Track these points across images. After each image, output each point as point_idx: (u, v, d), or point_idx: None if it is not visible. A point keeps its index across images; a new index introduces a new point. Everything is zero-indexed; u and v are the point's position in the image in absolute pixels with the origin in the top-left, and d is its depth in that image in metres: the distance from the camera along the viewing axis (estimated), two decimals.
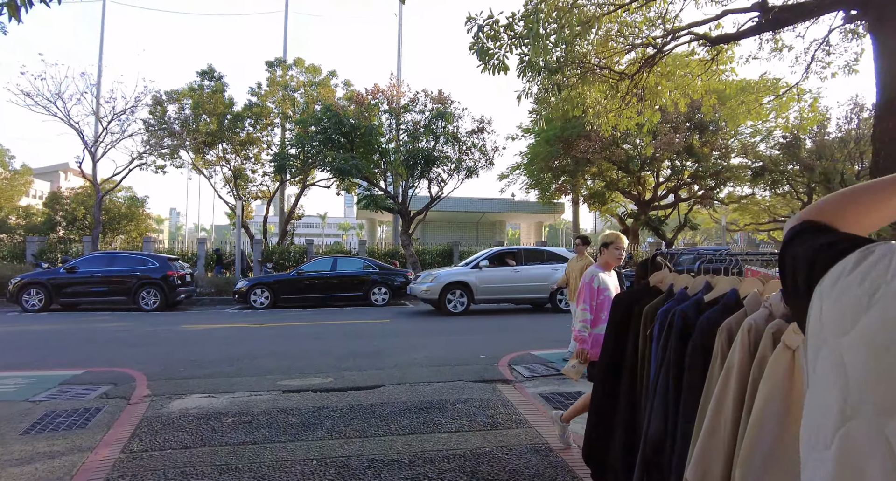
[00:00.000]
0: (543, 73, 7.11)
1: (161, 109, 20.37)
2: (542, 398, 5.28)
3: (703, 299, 1.71)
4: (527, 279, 12.55)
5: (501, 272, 12.56)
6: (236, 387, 5.64)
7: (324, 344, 8.31)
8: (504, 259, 12.82)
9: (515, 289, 12.56)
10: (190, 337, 9.33)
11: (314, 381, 5.86)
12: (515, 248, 13.54)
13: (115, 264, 13.71)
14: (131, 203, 24.72)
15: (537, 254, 13.34)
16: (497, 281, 12.49)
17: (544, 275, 12.60)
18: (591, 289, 3.63)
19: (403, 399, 5.13)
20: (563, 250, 13.80)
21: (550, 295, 12.44)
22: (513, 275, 12.58)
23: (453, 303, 12.15)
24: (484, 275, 12.47)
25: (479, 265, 12.51)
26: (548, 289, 12.49)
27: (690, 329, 1.60)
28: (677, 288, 1.91)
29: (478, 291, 12.25)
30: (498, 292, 12.53)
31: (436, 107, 16.61)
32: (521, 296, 12.69)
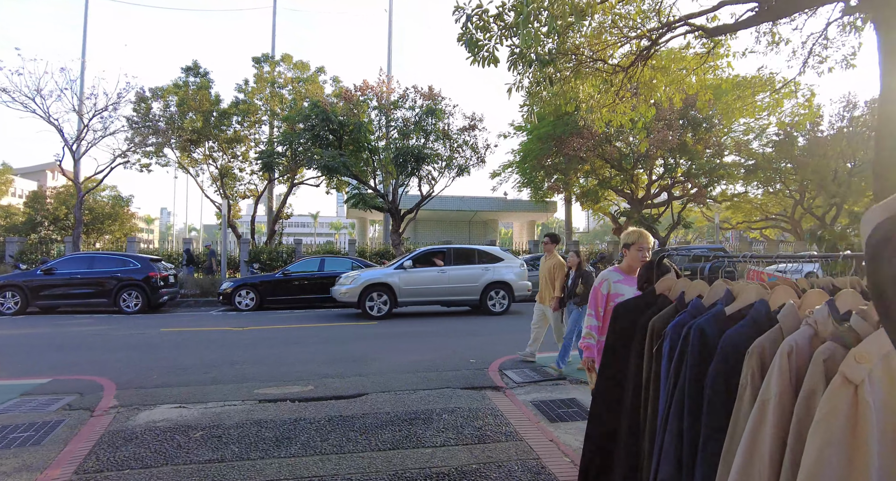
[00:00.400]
0: (535, 65, 6.81)
1: (145, 106, 19.89)
2: (533, 406, 4.99)
3: (723, 311, 1.42)
4: (455, 280, 11.99)
5: (427, 273, 11.93)
6: (210, 397, 5.30)
7: (307, 348, 7.98)
8: (431, 259, 12.22)
9: (442, 291, 11.93)
10: (168, 341, 8.96)
11: (293, 390, 5.54)
12: (444, 247, 12.91)
13: (95, 265, 13.27)
14: (115, 202, 24.16)
15: (468, 253, 12.71)
16: (422, 282, 11.83)
17: (474, 276, 12.08)
18: (597, 294, 3.34)
19: (386, 409, 4.82)
20: (498, 249, 13.23)
21: (481, 296, 11.96)
22: (440, 275, 11.96)
23: (374, 306, 11.42)
24: (408, 276, 11.77)
25: (403, 265, 11.83)
26: (478, 291, 12.00)
27: (710, 349, 1.32)
28: (689, 296, 1.63)
29: (401, 293, 11.58)
30: (423, 294, 11.86)
31: (426, 103, 16.27)
32: (448, 298, 12.07)
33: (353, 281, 11.60)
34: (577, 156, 19.89)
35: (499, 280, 12.18)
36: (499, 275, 12.23)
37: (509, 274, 12.33)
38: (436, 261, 12.12)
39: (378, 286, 11.52)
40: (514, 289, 12.24)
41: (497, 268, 12.31)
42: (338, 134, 16.32)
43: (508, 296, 12.22)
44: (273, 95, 21.42)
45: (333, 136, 16.42)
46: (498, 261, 12.46)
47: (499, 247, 13.38)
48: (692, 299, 1.58)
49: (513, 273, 12.37)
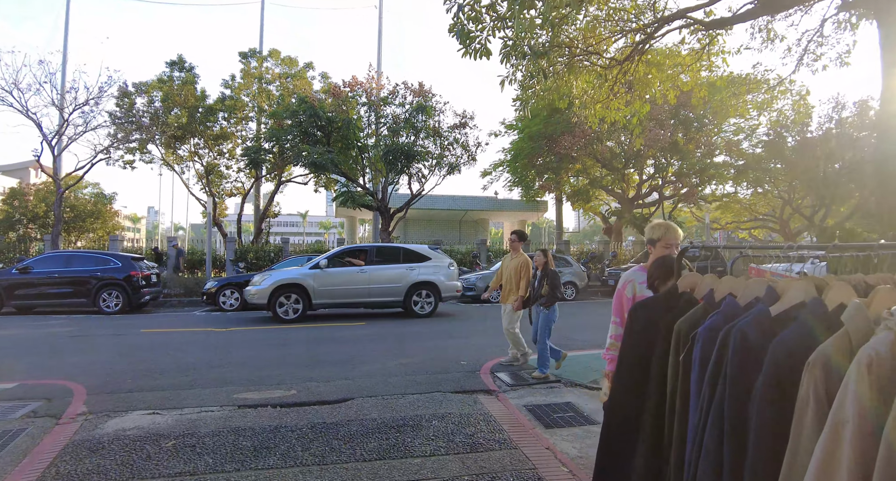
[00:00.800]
0: (529, 57, 6.59)
1: (128, 101, 19.37)
2: (527, 411, 4.77)
3: (767, 312, 1.20)
4: (376, 280, 11.27)
5: (346, 273, 11.17)
6: (186, 402, 5.01)
7: (291, 350, 7.69)
8: (351, 258, 11.51)
9: (362, 292, 11.18)
10: (147, 342, 8.61)
11: (275, 394, 5.26)
12: (366, 246, 12.36)
13: (74, 264, 12.83)
14: (98, 200, 23.56)
15: (392, 252, 12.06)
16: (340, 283, 11.06)
17: (397, 276, 11.41)
18: (621, 298, 2.97)
19: (373, 415, 4.56)
20: (425, 248, 12.42)
21: (405, 298, 11.32)
22: (359, 275, 11.20)
23: (285, 308, 10.65)
24: (324, 276, 10.98)
25: (319, 265, 11.08)
26: (401, 292, 11.30)
27: (756, 357, 1.10)
28: (720, 294, 1.40)
29: (316, 294, 10.82)
30: (341, 295, 11.12)
31: (416, 100, 16.01)
32: (369, 300, 11.33)
33: (264, 281, 10.91)
34: (569, 155, 19.76)
35: (425, 280, 11.52)
36: (425, 275, 11.58)
37: (437, 274, 11.68)
38: (355, 261, 11.39)
39: (290, 287, 10.76)
40: (440, 290, 11.56)
41: (423, 268, 11.62)
42: (326, 130, 16.01)
43: (435, 297, 11.55)
44: (260, 91, 21.00)
45: (321, 133, 16.10)
46: (425, 260, 11.76)
47: (427, 246, 12.64)
48: (724, 298, 1.36)
49: (441, 273, 11.73)
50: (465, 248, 22.22)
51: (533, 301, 6.18)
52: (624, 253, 23.47)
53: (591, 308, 13.88)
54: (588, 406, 4.94)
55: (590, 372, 6.15)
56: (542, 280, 6.09)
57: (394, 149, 15.42)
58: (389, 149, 15.46)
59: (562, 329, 9.61)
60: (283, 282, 10.79)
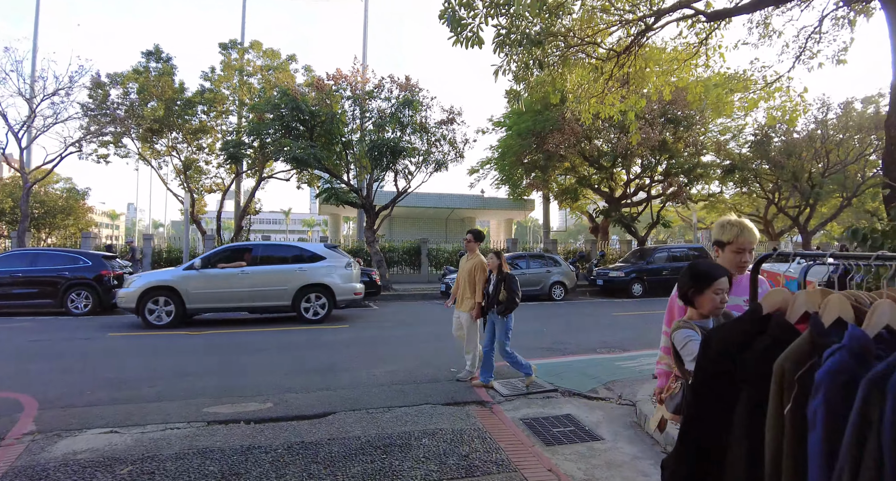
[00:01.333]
0: (525, 44, 6.22)
1: (102, 93, 18.57)
2: (525, 425, 4.41)
3: None
4: (260, 282, 10.25)
5: (225, 274, 10.15)
6: (150, 417, 4.54)
7: (270, 356, 7.23)
8: (233, 258, 10.52)
9: (244, 296, 10.19)
10: (114, 348, 8.06)
11: (249, 408, 4.82)
12: (251, 244, 11.30)
13: (40, 263, 12.13)
14: (70, 195, 22.62)
15: (281, 251, 11.06)
16: (218, 285, 10.07)
17: (284, 278, 10.41)
18: (674, 306, 2.59)
19: (357, 432, 4.16)
20: (320, 246, 11.35)
21: (293, 301, 10.34)
22: (240, 277, 10.16)
23: (156, 314, 9.72)
24: (201, 278, 10.02)
25: (194, 265, 10.18)
26: (289, 295, 10.32)
27: None
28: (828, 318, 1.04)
29: (190, 298, 9.86)
30: (219, 299, 10.16)
31: (403, 94, 15.55)
32: (253, 304, 10.40)
33: (133, 283, 9.95)
34: (557, 153, 19.48)
35: (317, 282, 10.50)
36: (317, 276, 10.55)
37: (331, 275, 10.67)
38: (237, 262, 10.39)
39: (161, 290, 9.81)
40: (335, 293, 10.57)
41: (315, 269, 10.59)
42: (309, 125, 15.45)
43: (328, 300, 10.54)
44: (241, 84, 20.34)
45: (304, 128, 15.54)
46: (318, 259, 10.75)
47: (323, 244, 11.57)
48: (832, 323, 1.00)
49: (336, 274, 10.73)
50: (451, 247, 21.86)
51: (489, 308, 5.63)
52: (612, 252, 23.33)
53: (580, 308, 13.62)
54: (588, 418, 4.61)
55: (586, 380, 5.82)
56: (497, 285, 5.55)
57: (379, 144, 14.94)
58: (375, 145, 14.98)
59: (552, 332, 9.32)
60: (152, 284, 9.82)
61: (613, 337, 8.81)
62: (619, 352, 7.51)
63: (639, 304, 14.35)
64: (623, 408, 4.89)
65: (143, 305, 9.72)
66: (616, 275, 16.64)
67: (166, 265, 18.39)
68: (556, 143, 18.88)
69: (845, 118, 23.00)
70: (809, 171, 22.97)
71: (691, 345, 2.14)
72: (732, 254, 2.42)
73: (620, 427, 4.40)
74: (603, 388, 5.52)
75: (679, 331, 2.26)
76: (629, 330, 9.66)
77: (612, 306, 14.02)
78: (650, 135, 17.20)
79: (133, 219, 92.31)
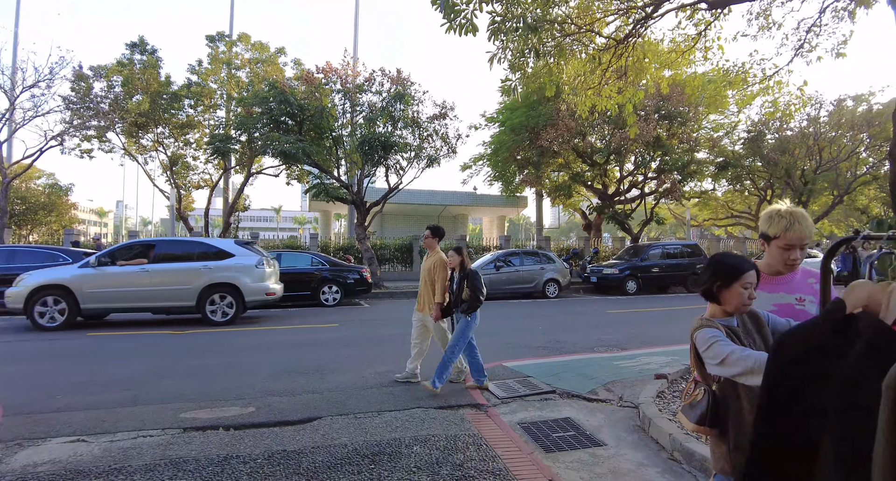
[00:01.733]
0: (521, 31, 5.96)
1: (85, 85, 18.06)
2: (522, 430, 4.16)
3: None
4: (161, 281, 9.63)
5: (123, 272, 9.51)
6: (122, 424, 4.24)
7: (253, 356, 6.92)
8: (136, 255, 9.89)
9: (143, 296, 9.55)
10: (92, 348, 7.72)
11: (229, 413, 4.53)
12: (154, 240, 10.55)
13: (17, 260, 11.71)
14: (53, 191, 22.04)
15: (186, 248, 10.31)
16: (115, 284, 9.43)
17: (188, 277, 9.75)
18: None
19: (343, 439, 3.88)
20: (229, 243, 10.59)
21: (198, 302, 9.71)
22: (140, 276, 9.53)
23: (48, 315, 9.09)
24: (96, 277, 9.39)
25: (89, 263, 9.58)
26: (193, 295, 9.66)
27: None
28: None
29: (85, 298, 9.24)
30: (117, 299, 9.50)
31: (394, 88, 15.22)
32: (154, 304, 9.74)
33: (22, 281, 9.35)
34: (551, 149, 19.27)
35: (223, 281, 9.87)
36: (224, 275, 9.91)
37: (240, 274, 10.02)
38: (139, 259, 9.78)
39: (53, 289, 9.17)
40: (244, 293, 9.94)
41: (222, 267, 9.97)
42: (298, 119, 15.09)
43: (237, 301, 9.90)
44: (229, 78, 19.89)
45: (293, 122, 15.17)
46: (226, 257, 10.10)
47: (233, 240, 10.84)
48: None
49: (245, 273, 10.07)
50: (444, 244, 21.62)
51: (453, 307, 5.31)
52: (604, 249, 23.19)
53: (575, 306, 13.42)
54: (589, 421, 4.37)
55: (585, 381, 5.59)
56: (461, 283, 5.22)
57: (370, 138, 14.61)
58: (365, 139, 14.65)
59: (548, 331, 9.08)
60: (43, 283, 9.18)
61: (610, 335, 8.59)
62: (617, 350, 7.29)
63: (633, 302, 14.18)
64: (625, 411, 4.66)
65: (31, 306, 9.04)
66: (610, 272, 16.47)
67: None
68: (550, 139, 18.67)
69: (838, 115, 23.02)
70: (802, 169, 22.96)
71: (718, 347, 1.90)
72: (780, 251, 2.12)
73: (623, 431, 4.17)
74: (603, 389, 5.28)
75: (702, 330, 2.02)
76: (625, 328, 9.46)
77: (607, 303, 13.84)
78: (645, 131, 17.04)
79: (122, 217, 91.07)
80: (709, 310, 2.16)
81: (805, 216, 2.10)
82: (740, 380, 1.84)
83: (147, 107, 18.04)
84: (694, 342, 2.04)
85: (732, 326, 2.07)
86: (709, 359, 1.94)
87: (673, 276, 17.12)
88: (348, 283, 13.21)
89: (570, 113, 18.20)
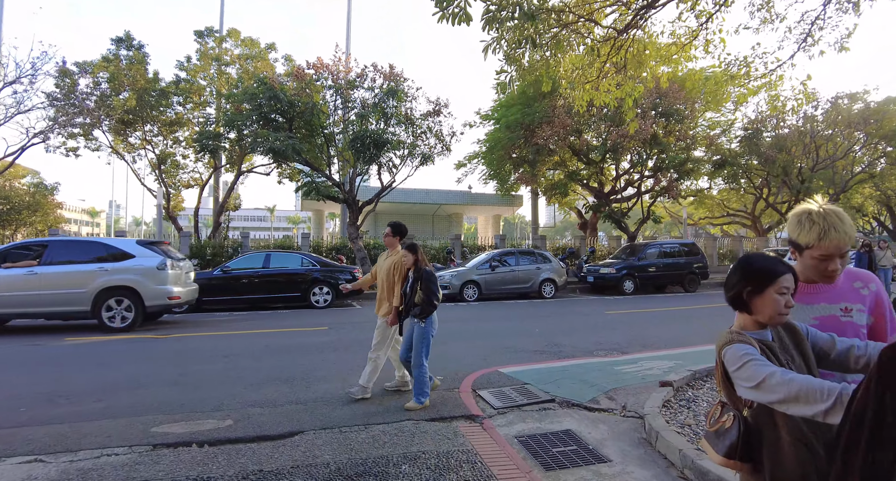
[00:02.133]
0: (518, 19, 5.66)
1: (70, 82, 17.61)
2: (520, 444, 3.86)
3: None
4: (52, 285, 8.89)
5: (9, 275, 8.85)
6: (87, 440, 3.91)
7: (235, 363, 6.58)
8: (34, 256, 9.18)
9: (30, 300, 8.85)
10: (68, 354, 7.35)
11: (205, 426, 4.20)
12: (46, 240, 9.67)
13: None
14: (37, 190, 21.54)
15: (81, 249, 9.52)
16: None
17: (81, 280, 9.02)
18: None
19: (326, 457, 3.57)
20: (130, 242, 9.75)
21: (92, 307, 9.01)
22: (27, 279, 8.84)
23: None
24: None
25: None
26: (87, 300, 8.95)
27: None
28: None
29: None
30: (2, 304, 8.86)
31: (387, 84, 14.88)
32: (41, 310, 9.02)
33: None
34: (546, 147, 19.00)
35: (121, 284, 9.12)
36: (121, 278, 9.15)
37: (139, 276, 9.25)
38: (27, 261, 9.10)
39: None
40: (144, 297, 9.20)
41: (121, 269, 9.22)
42: (288, 115, 14.72)
43: (136, 305, 9.16)
44: (219, 74, 19.48)
45: (283, 119, 14.81)
46: (126, 258, 9.35)
47: (134, 240, 10.06)
48: None
49: (145, 275, 9.29)
50: (438, 244, 21.30)
51: (406, 312, 4.79)
52: (600, 248, 22.96)
53: (572, 307, 13.14)
54: (591, 434, 4.08)
55: (586, 388, 5.30)
56: (414, 285, 4.71)
57: (362, 135, 14.26)
58: (357, 136, 14.30)
59: (545, 333, 8.79)
60: None
61: (609, 337, 8.32)
62: (618, 354, 7.01)
63: (631, 302, 13.92)
64: (629, 422, 4.37)
65: None
66: (607, 271, 16.21)
67: None
68: (546, 136, 18.39)
69: (834, 113, 22.88)
70: (799, 167, 22.81)
71: (753, 368, 1.59)
72: (815, 262, 1.78)
73: (628, 445, 3.88)
74: (605, 398, 4.99)
75: (732, 346, 1.71)
76: (624, 329, 9.19)
77: (604, 304, 13.58)
78: (642, 128, 16.79)
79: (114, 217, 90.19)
80: (738, 320, 1.85)
81: (843, 217, 1.77)
82: (780, 408, 1.54)
83: (134, 104, 17.61)
84: (722, 359, 1.74)
85: (767, 340, 1.77)
86: (741, 380, 1.64)
87: (670, 276, 16.89)
88: (339, 284, 12.88)
89: (566, 109, 17.93)
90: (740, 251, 24.37)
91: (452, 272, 14.49)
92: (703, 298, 14.56)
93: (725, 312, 1.78)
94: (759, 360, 1.61)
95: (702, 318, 10.53)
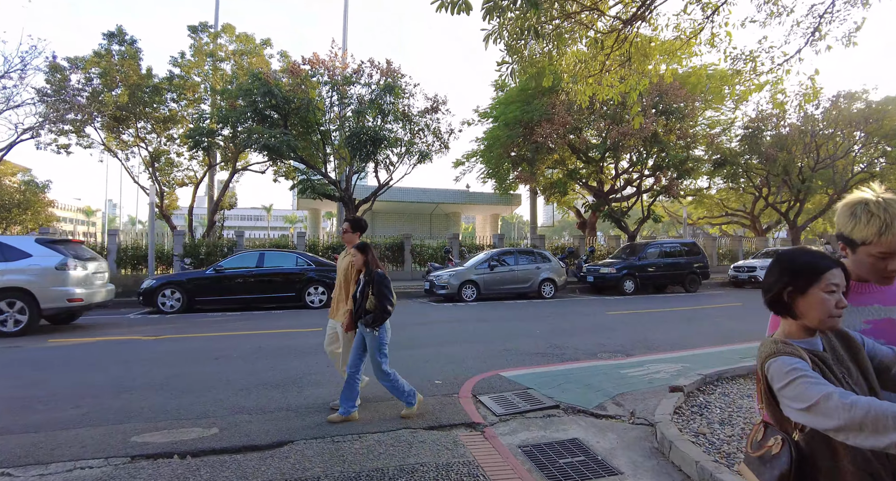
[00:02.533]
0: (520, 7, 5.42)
1: (61, 77, 17.28)
2: (525, 455, 3.62)
3: None
4: None
5: None
6: (60, 451, 3.65)
7: (225, 366, 6.32)
8: None
9: None
10: (50, 357, 7.07)
11: (189, 435, 3.94)
12: None
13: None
14: (28, 188, 21.21)
15: None
16: None
17: None
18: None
19: (317, 470, 3.32)
20: (27, 240, 9.19)
21: None
22: None
23: None
24: None
25: None
26: None
27: None
28: None
29: None
30: None
31: (384, 80, 14.63)
32: None
33: None
34: (546, 144, 18.76)
35: (12, 286, 8.56)
36: (13, 278, 8.59)
37: (34, 277, 8.67)
38: None
39: None
40: (39, 299, 8.64)
41: (13, 270, 8.64)
42: (283, 112, 14.45)
43: (28, 307, 8.60)
44: (214, 70, 19.17)
45: (278, 115, 14.54)
46: (21, 257, 8.77)
47: (33, 238, 9.34)
48: None
49: (41, 276, 8.70)
50: (436, 243, 21.05)
51: (357, 317, 4.37)
52: (599, 248, 22.74)
53: (572, 307, 12.91)
54: (600, 444, 3.84)
55: (591, 393, 5.06)
56: (365, 288, 4.28)
57: (358, 132, 14.00)
58: (354, 133, 14.04)
59: (546, 334, 8.55)
60: None
61: (612, 339, 8.08)
62: (622, 357, 6.77)
63: (632, 302, 13.71)
64: (639, 429, 4.14)
65: None
66: (607, 271, 16.00)
67: (132, 262, 17.28)
68: (545, 134, 18.16)
69: (835, 112, 22.72)
70: (800, 166, 22.64)
71: (804, 386, 1.35)
72: (873, 260, 1.56)
73: (639, 455, 3.64)
74: (612, 403, 4.76)
75: (778, 359, 1.46)
76: (627, 331, 8.96)
77: (604, 304, 13.36)
78: (644, 125, 16.59)
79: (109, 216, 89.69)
80: (781, 327, 1.60)
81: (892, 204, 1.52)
82: (838, 437, 1.30)
83: (126, 100, 17.29)
84: (766, 373, 1.49)
85: (818, 351, 1.53)
86: (789, 400, 1.39)
87: (671, 276, 16.69)
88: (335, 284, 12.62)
89: (566, 107, 17.70)
90: (739, 251, 24.19)
91: (450, 272, 14.25)
92: (705, 298, 14.36)
93: (729, 313, 1.55)
94: (811, 377, 1.36)
95: (705, 319, 10.31)
